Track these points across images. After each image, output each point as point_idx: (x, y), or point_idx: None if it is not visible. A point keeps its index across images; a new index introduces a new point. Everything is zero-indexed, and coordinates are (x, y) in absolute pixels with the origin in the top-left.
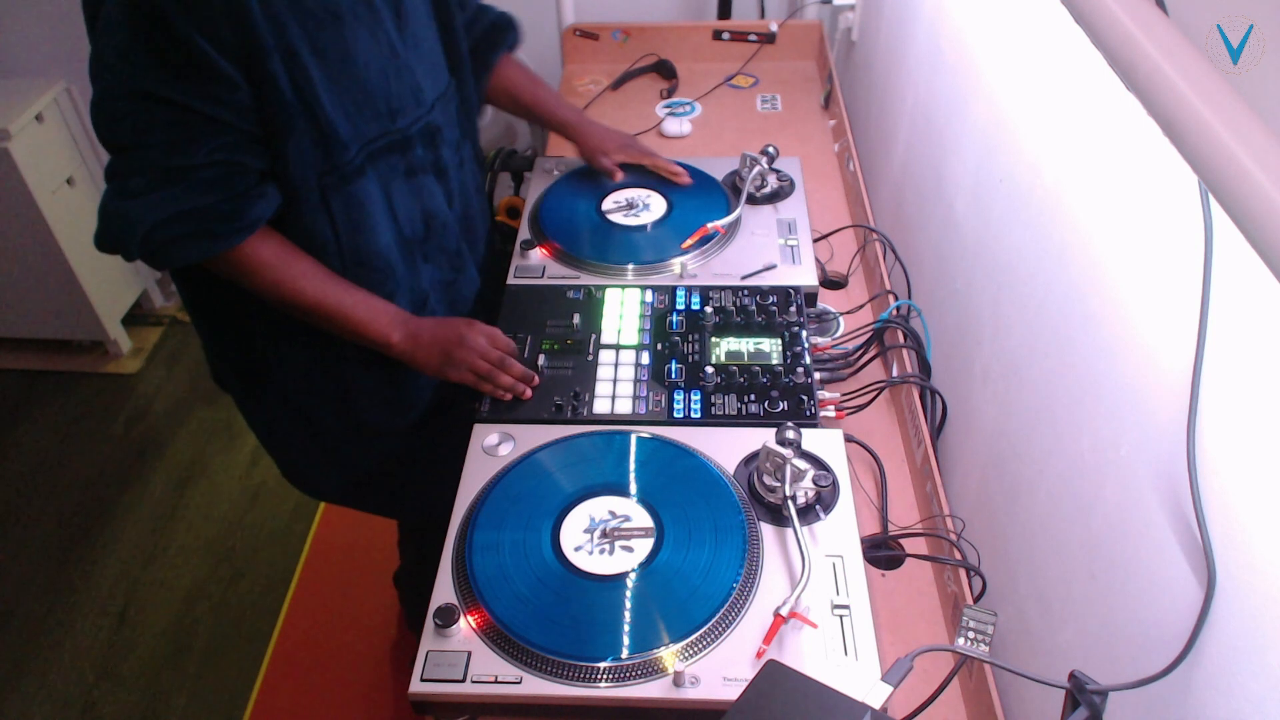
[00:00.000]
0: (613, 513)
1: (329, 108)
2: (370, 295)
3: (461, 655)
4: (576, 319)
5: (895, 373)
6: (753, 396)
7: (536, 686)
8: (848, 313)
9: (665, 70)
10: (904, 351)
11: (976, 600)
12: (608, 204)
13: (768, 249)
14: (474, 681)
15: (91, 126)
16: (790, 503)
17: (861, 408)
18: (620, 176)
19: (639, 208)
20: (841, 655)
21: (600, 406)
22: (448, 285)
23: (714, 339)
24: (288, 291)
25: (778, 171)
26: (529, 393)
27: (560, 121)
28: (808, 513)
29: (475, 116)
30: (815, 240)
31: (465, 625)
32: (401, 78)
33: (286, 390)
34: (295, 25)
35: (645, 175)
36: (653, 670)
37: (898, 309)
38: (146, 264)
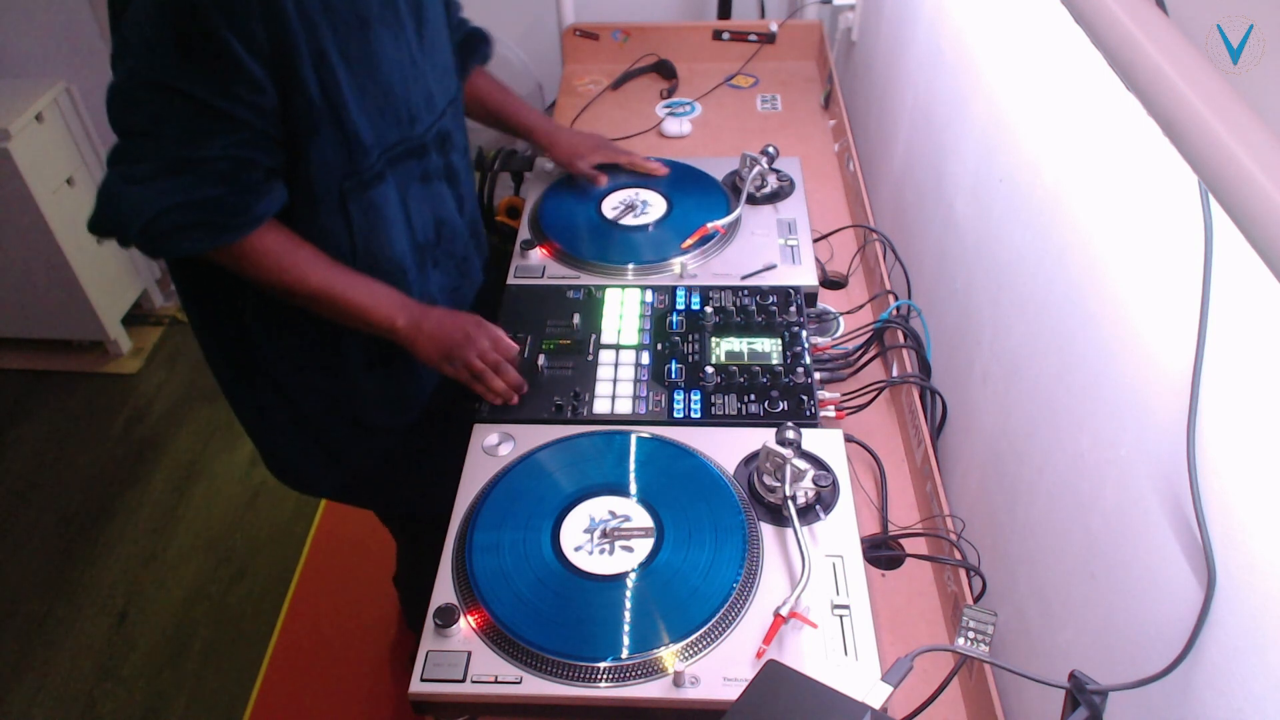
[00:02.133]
0: (613, 513)
1: (354, 113)
2: (373, 281)
3: (461, 655)
4: (576, 319)
5: (895, 373)
6: (753, 396)
7: (536, 686)
8: (848, 313)
9: (665, 70)
10: (904, 351)
11: (976, 600)
12: (608, 204)
13: (768, 249)
14: (474, 681)
15: (97, 116)
16: (790, 503)
17: (861, 408)
18: (604, 182)
19: (639, 208)
20: (841, 655)
21: (600, 406)
22: (453, 291)
23: (714, 339)
24: (289, 280)
25: (778, 171)
26: (515, 399)
27: (530, 128)
28: (808, 513)
29: None
30: (815, 240)
31: (465, 625)
32: (418, 84)
33: (282, 384)
34: (327, 30)
35: (628, 174)
36: (653, 670)
37: (898, 309)
38: (143, 252)
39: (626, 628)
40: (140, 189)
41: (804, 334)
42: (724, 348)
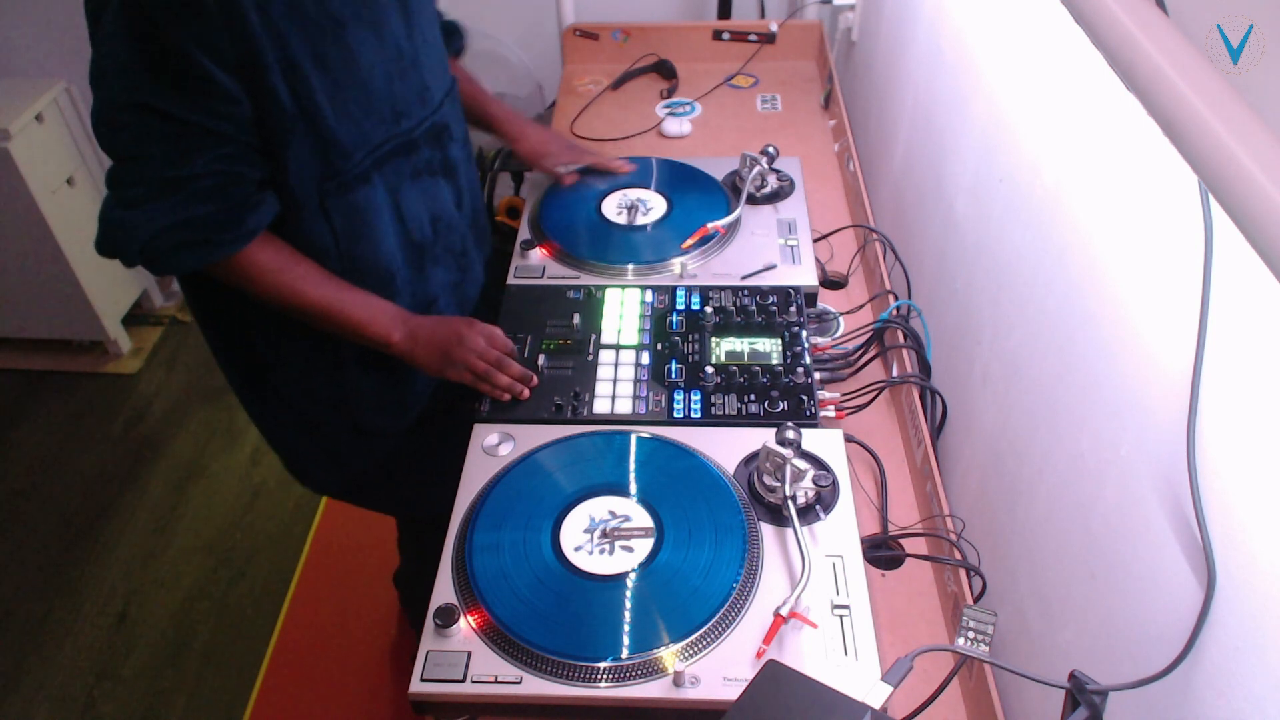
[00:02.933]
0: (613, 513)
1: (330, 116)
2: (370, 295)
3: (461, 655)
4: (576, 319)
5: (895, 373)
6: (753, 396)
7: (536, 686)
8: (848, 313)
9: (665, 70)
10: (904, 351)
11: (976, 600)
12: (608, 204)
13: (768, 249)
14: (474, 681)
15: (91, 129)
16: (790, 503)
17: (861, 408)
18: (570, 180)
19: (639, 208)
20: (841, 655)
21: (600, 406)
22: (455, 287)
23: (714, 339)
24: (287, 294)
25: (778, 171)
26: (526, 393)
27: (496, 119)
28: (808, 513)
29: None
30: (815, 240)
31: (465, 625)
32: (407, 79)
33: (285, 389)
34: (296, 35)
35: (599, 173)
36: (653, 670)
37: (898, 309)
38: (148, 270)
39: (626, 628)
40: (135, 212)
41: (804, 334)
42: (724, 348)
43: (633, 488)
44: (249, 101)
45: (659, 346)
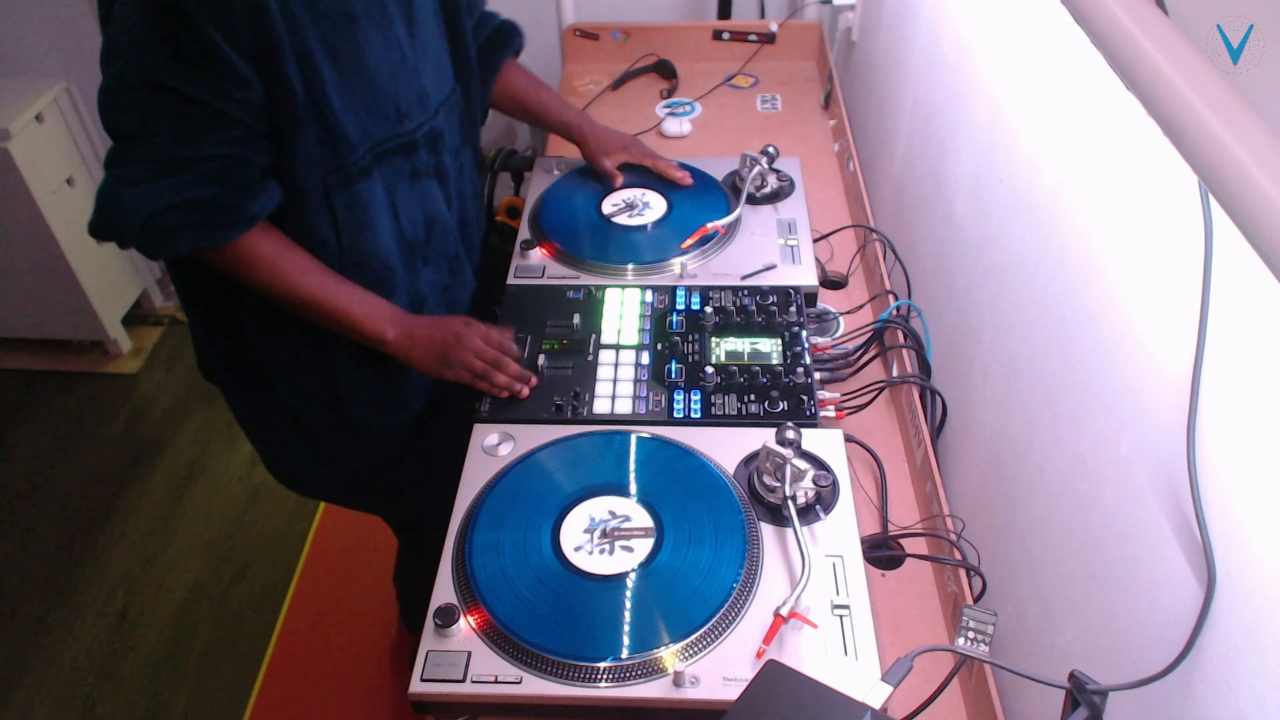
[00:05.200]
0: (613, 513)
1: (339, 108)
2: (366, 292)
3: (461, 655)
4: (576, 319)
5: (895, 373)
6: (753, 396)
7: (536, 686)
8: (848, 313)
9: (665, 70)
10: (904, 351)
11: (976, 600)
12: (608, 204)
13: (768, 249)
14: (474, 681)
15: (97, 116)
16: (790, 503)
17: (861, 408)
18: (620, 181)
19: (639, 208)
20: (841, 655)
21: (600, 406)
22: (445, 289)
23: (714, 339)
24: (284, 286)
25: (778, 171)
26: (525, 392)
27: (564, 124)
28: (808, 513)
29: (478, 123)
30: (815, 240)
31: (465, 625)
32: (410, 81)
33: (277, 386)
34: (311, 26)
35: (647, 175)
36: (653, 670)
37: (898, 309)
38: (142, 253)
39: (626, 628)
40: (136, 191)
41: (804, 334)
42: (724, 348)
43: (633, 488)
44: (261, 87)
45: (659, 346)
